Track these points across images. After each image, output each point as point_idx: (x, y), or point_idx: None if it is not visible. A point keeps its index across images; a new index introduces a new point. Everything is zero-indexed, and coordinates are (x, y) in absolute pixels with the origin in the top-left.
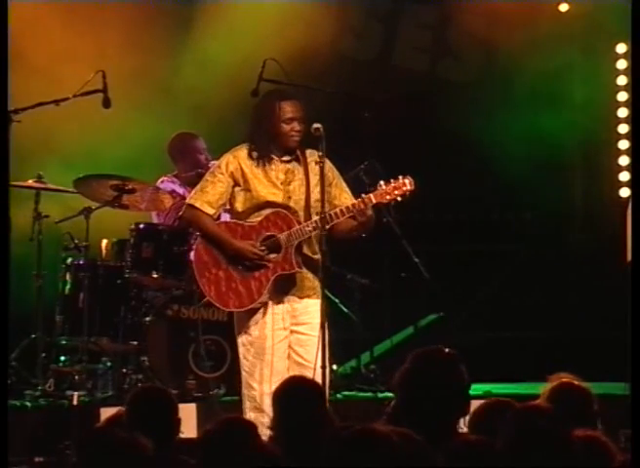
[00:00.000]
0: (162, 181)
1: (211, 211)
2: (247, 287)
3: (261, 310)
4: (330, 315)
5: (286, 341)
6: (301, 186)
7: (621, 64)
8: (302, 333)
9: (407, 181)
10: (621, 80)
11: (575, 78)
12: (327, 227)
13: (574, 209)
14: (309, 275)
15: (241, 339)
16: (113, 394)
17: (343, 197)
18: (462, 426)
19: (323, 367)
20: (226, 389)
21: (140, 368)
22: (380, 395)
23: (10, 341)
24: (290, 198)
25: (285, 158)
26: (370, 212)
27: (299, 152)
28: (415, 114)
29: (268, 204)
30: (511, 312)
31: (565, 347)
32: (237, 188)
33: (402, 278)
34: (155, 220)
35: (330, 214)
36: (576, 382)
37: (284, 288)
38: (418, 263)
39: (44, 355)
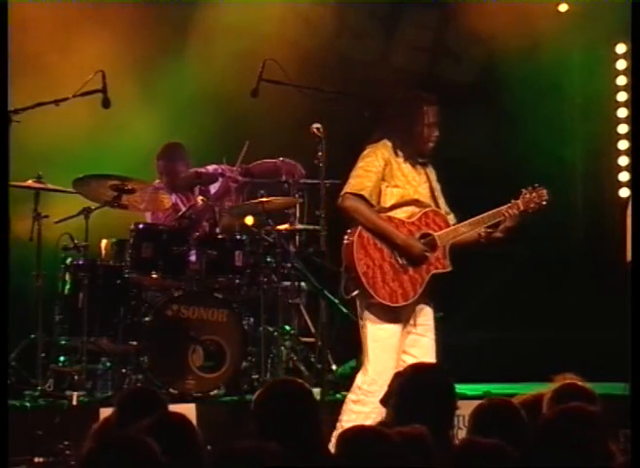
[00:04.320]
0: (157, 184)
1: (372, 200)
2: (401, 283)
3: (401, 309)
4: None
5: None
6: (428, 190)
7: (621, 65)
8: (419, 334)
9: (545, 192)
10: (621, 80)
11: (574, 78)
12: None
13: (574, 209)
14: None
15: (372, 335)
16: (113, 394)
17: (445, 204)
18: (462, 426)
19: (322, 367)
20: (226, 389)
21: (139, 368)
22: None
23: (10, 341)
24: (435, 199)
25: (422, 161)
26: (517, 218)
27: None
28: None
29: (415, 202)
30: (511, 312)
31: (565, 347)
32: (384, 184)
33: None
34: (149, 220)
35: (482, 219)
36: (579, 383)
37: (433, 289)
38: None
39: (43, 355)
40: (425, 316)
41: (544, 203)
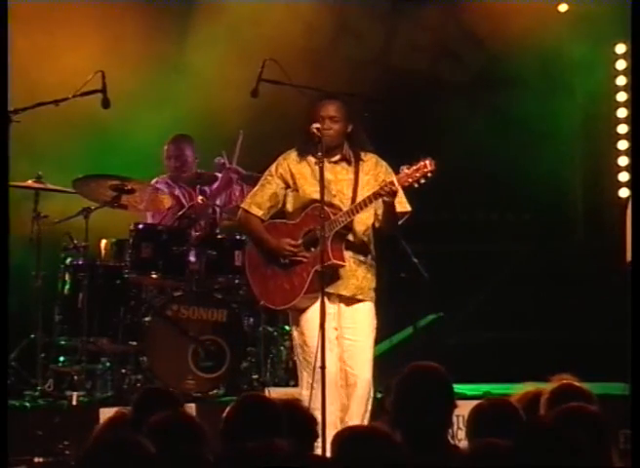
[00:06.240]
0: (156, 182)
1: (258, 212)
2: (290, 283)
3: (313, 309)
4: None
5: (336, 342)
6: (350, 186)
7: (621, 65)
8: (346, 338)
9: (427, 162)
10: (621, 80)
11: (574, 78)
12: (354, 217)
13: (574, 209)
14: (357, 273)
15: (295, 341)
16: (112, 394)
17: (397, 202)
18: (461, 426)
19: (322, 367)
20: (225, 389)
21: (139, 368)
22: (380, 395)
23: (9, 341)
24: (335, 196)
25: (333, 158)
26: (396, 188)
27: (349, 153)
28: (415, 114)
29: (313, 202)
30: (511, 312)
31: (565, 347)
32: (288, 190)
33: (402, 278)
34: (150, 220)
35: (359, 204)
36: (576, 384)
37: (330, 283)
38: (417, 263)
39: (43, 355)
40: (353, 318)
41: (428, 172)
